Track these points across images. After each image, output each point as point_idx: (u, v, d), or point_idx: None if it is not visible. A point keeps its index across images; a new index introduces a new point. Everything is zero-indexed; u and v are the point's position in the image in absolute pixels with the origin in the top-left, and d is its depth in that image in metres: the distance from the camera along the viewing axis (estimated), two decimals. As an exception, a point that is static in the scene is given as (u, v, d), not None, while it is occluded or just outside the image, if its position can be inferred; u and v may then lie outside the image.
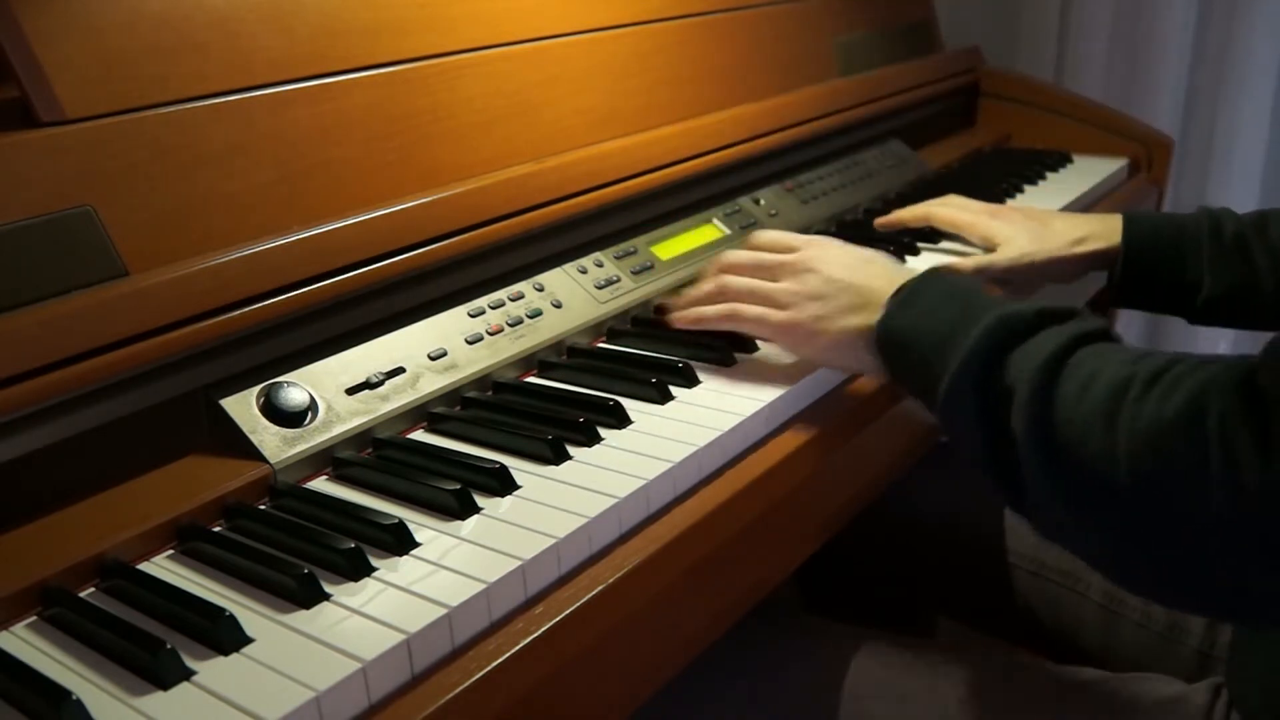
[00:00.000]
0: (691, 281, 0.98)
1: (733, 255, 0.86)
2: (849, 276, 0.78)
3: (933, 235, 1.11)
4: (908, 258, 1.08)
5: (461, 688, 0.52)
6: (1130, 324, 1.84)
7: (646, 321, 0.92)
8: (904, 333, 0.71)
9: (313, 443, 0.70)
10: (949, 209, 1.08)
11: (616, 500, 0.63)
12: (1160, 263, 0.97)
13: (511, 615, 0.57)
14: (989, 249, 1.03)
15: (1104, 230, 1.00)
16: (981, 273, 0.99)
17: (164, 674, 0.50)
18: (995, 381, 0.63)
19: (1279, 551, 0.51)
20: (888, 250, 1.06)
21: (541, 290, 0.88)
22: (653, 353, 0.85)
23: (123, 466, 0.66)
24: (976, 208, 1.07)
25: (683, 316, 0.85)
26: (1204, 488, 0.52)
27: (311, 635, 0.53)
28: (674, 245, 1.01)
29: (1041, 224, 1.02)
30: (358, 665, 0.51)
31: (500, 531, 0.61)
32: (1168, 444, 0.54)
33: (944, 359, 0.66)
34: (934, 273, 0.75)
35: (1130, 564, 0.58)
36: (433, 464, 0.69)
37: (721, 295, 0.84)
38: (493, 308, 0.84)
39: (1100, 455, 0.56)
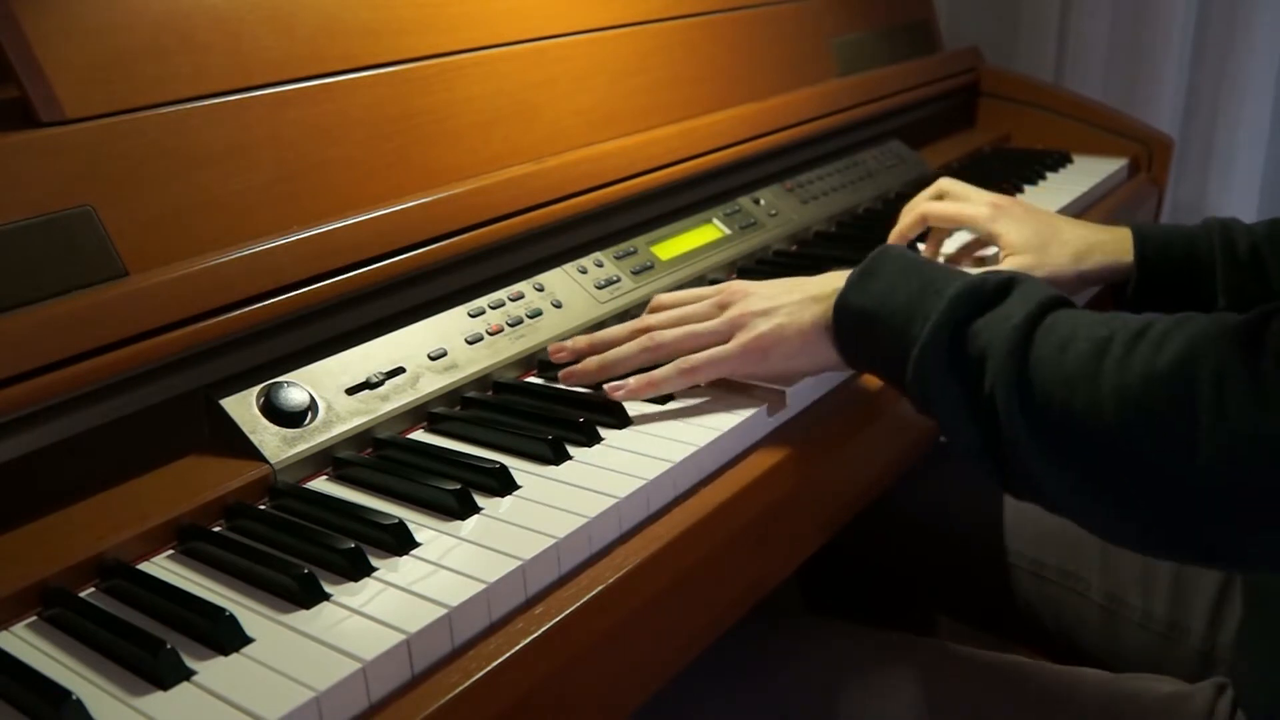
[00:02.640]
0: (690, 288, 0.99)
1: (647, 318, 0.80)
2: (788, 285, 0.76)
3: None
4: None
5: (461, 688, 0.52)
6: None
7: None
8: (864, 310, 0.69)
9: (313, 443, 0.70)
10: (947, 205, 1.00)
11: (616, 500, 0.63)
12: (1173, 281, 0.92)
13: (511, 615, 0.57)
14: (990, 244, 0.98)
15: (1112, 244, 0.93)
16: None
17: (164, 674, 0.50)
18: (965, 347, 0.63)
19: (1269, 501, 0.52)
20: None
21: (541, 290, 0.88)
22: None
23: (123, 466, 0.66)
24: (980, 199, 0.99)
25: (632, 388, 0.75)
26: (1193, 438, 0.53)
27: (311, 635, 0.53)
28: (674, 245, 1.01)
29: (1050, 230, 0.94)
30: (358, 665, 0.51)
31: (500, 531, 0.61)
32: (1157, 395, 0.54)
33: (909, 332, 0.66)
34: (886, 249, 0.72)
35: (1116, 518, 0.59)
36: (433, 464, 0.69)
37: (653, 353, 0.76)
38: (493, 308, 0.84)
39: (1085, 411, 0.57)
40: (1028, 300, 0.63)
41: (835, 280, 0.73)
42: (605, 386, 0.76)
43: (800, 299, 0.74)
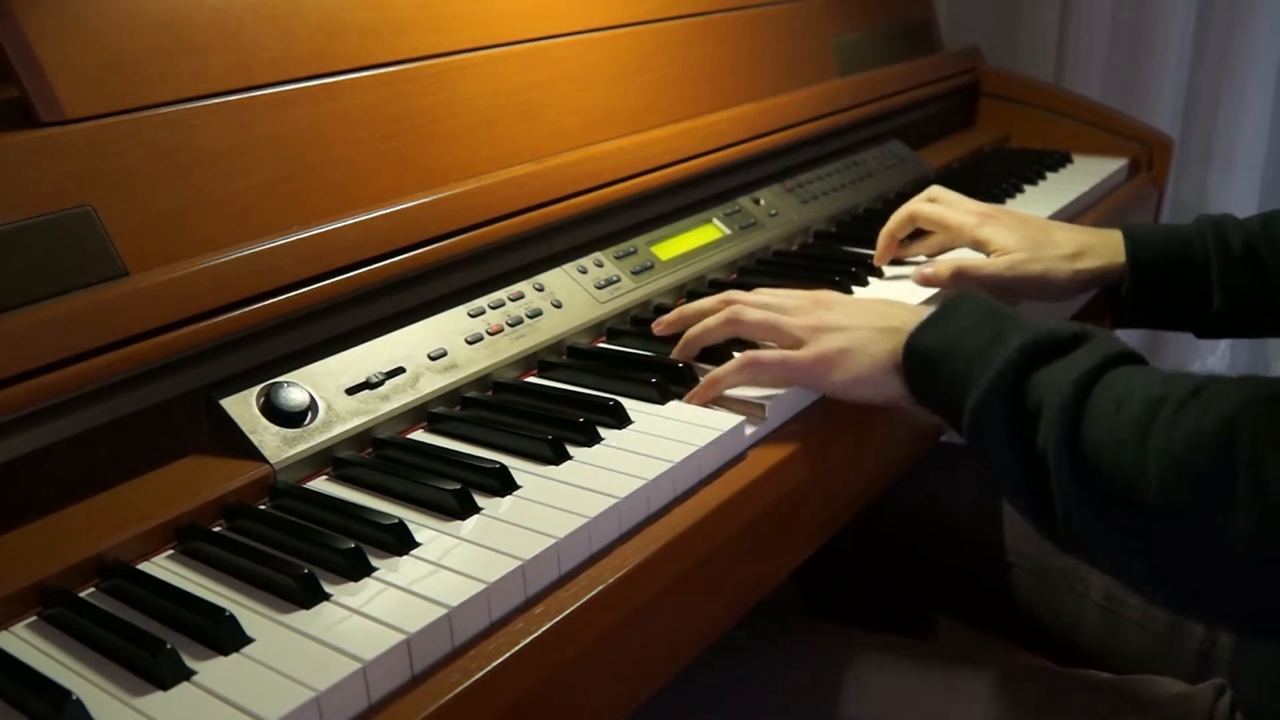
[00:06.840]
0: (690, 288, 0.99)
1: (739, 293, 0.82)
2: (870, 308, 0.76)
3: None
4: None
5: (461, 688, 0.52)
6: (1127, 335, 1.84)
7: (646, 321, 0.92)
8: (934, 349, 0.69)
9: (313, 443, 0.70)
10: (936, 207, 0.99)
11: (616, 500, 0.63)
12: (1168, 282, 0.92)
13: (511, 615, 0.57)
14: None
15: (1104, 247, 0.93)
16: (961, 276, 0.92)
17: (164, 674, 0.50)
18: (1025, 398, 0.62)
19: None
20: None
21: (541, 290, 0.88)
22: (653, 353, 0.85)
23: (123, 466, 0.66)
24: (968, 208, 0.97)
25: (698, 395, 0.77)
26: (1230, 509, 0.52)
27: (311, 635, 0.53)
28: (674, 245, 1.01)
29: (1041, 234, 0.93)
30: (358, 665, 0.50)
31: (500, 531, 0.61)
32: (1198, 462, 0.54)
33: (973, 376, 0.65)
34: (970, 292, 0.72)
35: (1157, 579, 0.58)
36: (433, 464, 0.69)
37: (731, 327, 0.79)
38: (493, 308, 0.84)
39: (1132, 471, 0.56)
40: (1094, 354, 0.62)
41: (918, 314, 0.73)
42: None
43: (880, 327, 0.74)
